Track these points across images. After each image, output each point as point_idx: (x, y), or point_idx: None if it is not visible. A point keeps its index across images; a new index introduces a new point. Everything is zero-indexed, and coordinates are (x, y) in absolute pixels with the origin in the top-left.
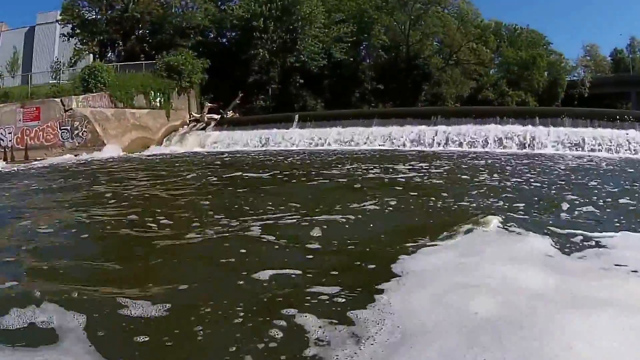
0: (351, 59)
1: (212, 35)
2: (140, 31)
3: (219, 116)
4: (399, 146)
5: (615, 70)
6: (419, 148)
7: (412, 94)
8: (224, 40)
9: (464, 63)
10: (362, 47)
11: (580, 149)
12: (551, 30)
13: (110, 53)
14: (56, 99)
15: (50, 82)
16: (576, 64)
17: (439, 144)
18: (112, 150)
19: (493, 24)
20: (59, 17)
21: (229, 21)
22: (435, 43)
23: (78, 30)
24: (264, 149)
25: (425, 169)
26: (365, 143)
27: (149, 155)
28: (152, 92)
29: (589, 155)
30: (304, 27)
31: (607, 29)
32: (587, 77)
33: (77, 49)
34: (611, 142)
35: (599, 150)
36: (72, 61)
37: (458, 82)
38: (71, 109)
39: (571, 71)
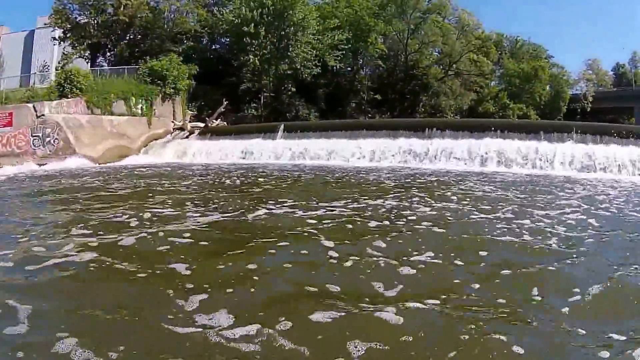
0: (348, 68)
1: (204, 41)
2: (131, 36)
3: (204, 125)
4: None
5: (617, 84)
6: (408, 165)
7: (410, 105)
8: (217, 46)
9: (464, 74)
10: (359, 56)
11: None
12: (552, 44)
13: (100, 57)
14: (28, 105)
15: (37, 86)
16: (578, 77)
17: (431, 160)
18: (76, 161)
19: (494, 35)
20: (48, 21)
21: (221, 27)
22: (434, 53)
23: (69, 34)
24: (245, 162)
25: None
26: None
27: (107, 167)
28: (133, 99)
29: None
30: (297, 34)
31: (609, 43)
32: (590, 91)
33: (65, 52)
34: None
35: None
36: (61, 65)
37: (458, 94)
38: (43, 115)
39: (573, 84)
